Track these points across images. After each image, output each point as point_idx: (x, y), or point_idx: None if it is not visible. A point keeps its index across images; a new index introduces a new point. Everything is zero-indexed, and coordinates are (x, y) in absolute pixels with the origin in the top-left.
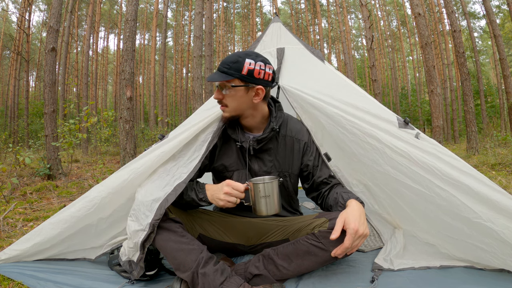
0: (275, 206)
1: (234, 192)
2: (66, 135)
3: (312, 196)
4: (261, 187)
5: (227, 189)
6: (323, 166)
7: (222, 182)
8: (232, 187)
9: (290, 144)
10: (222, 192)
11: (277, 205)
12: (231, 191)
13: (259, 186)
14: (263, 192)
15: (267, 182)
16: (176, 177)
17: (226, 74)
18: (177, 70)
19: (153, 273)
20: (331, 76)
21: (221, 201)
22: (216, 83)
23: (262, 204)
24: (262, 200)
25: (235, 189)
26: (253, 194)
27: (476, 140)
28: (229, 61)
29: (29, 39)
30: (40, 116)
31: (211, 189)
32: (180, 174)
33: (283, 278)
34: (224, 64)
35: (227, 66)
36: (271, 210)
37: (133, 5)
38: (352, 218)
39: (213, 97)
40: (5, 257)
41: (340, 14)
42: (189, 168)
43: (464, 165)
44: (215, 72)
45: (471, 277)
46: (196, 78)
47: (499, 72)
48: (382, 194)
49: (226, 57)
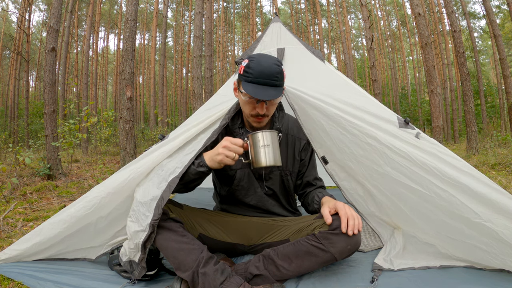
0: (274, 157)
1: (233, 146)
2: (66, 135)
3: (297, 194)
4: (260, 136)
5: (225, 143)
6: (312, 168)
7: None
8: (231, 141)
9: (291, 143)
10: (220, 147)
11: (277, 156)
12: (229, 145)
13: (258, 135)
14: (262, 142)
15: (266, 131)
16: (170, 172)
17: (280, 86)
18: (177, 70)
19: (153, 273)
20: (331, 76)
21: (219, 155)
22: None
23: (261, 153)
24: (261, 149)
25: (234, 144)
26: (252, 146)
27: (476, 140)
28: (275, 72)
29: (29, 39)
30: (40, 116)
31: (208, 152)
32: (175, 169)
33: (283, 278)
34: (273, 77)
35: (276, 78)
36: (270, 160)
37: (133, 5)
38: (335, 202)
39: (256, 112)
40: (5, 257)
41: (340, 14)
42: (183, 162)
43: (464, 164)
44: (267, 88)
45: (471, 277)
46: (196, 78)
47: (499, 72)
48: (381, 196)
49: (265, 68)
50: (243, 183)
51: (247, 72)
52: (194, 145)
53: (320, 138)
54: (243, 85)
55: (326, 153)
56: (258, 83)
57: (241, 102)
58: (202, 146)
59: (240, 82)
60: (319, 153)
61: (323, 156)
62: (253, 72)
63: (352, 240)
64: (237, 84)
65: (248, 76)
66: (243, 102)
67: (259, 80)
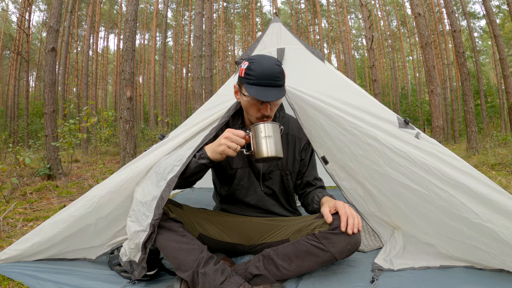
0: (276, 148)
1: (235, 137)
2: (66, 135)
3: (297, 194)
4: (262, 127)
5: (227, 134)
6: (312, 168)
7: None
8: (233, 132)
9: (292, 143)
10: (222, 138)
11: (278, 148)
12: (231, 136)
13: (260, 126)
14: (264, 133)
15: (268, 122)
16: (168, 170)
17: (282, 86)
18: (177, 70)
19: (153, 273)
20: (331, 76)
21: (222, 146)
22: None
23: (263, 144)
24: (263, 140)
25: (235, 135)
26: (254, 137)
27: (476, 140)
28: (277, 72)
29: (29, 39)
30: (40, 116)
31: (210, 144)
32: (173, 167)
33: (283, 278)
34: (275, 78)
35: (278, 79)
36: (271, 151)
37: (133, 5)
38: (335, 201)
39: (261, 114)
40: (5, 257)
41: (340, 14)
42: (181, 159)
43: (464, 165)
44: (270, 89)
45: (471, 277)
46: (196, 78)
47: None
48: (381, 196)
49: (267, 69)
50: (243, 182)
51: (248, 75)
52: (192, 143)
53: (320, 138)
54: (246, 88)
55: (326, 153)
56: (261, 85)
57: (244, 105)
58: (200, 142)
59: (242, 85)
60: (319, 153)
61: (323, 156)
62: (255, 74)
63: (352, 239)
64: (238, 87)
65: (250, 79)
66: (246, 105)
67: (261, 81)
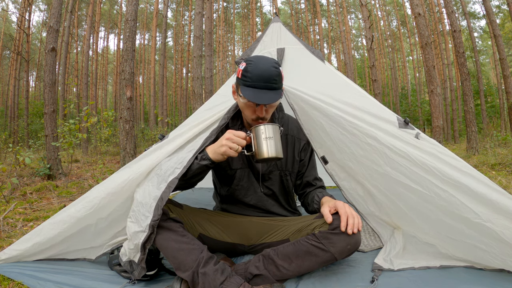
0: (276, 149)
1: (236, 138)
2: (66, 135)
3: (297, 194)
4: (263, 129)
5: (229, 135)
6: (311, 168)
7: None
8: (234, 134)
9: (291, 143)
10: (224, 139)
11: (279, 149)
12: (232, 137)
13: (261, 128)
14: (265, 134)
15: (268, 124)
16: (169, 172)
17: (279, 89)
18: (177, 70)
19: (153, 273)
20: (331, 76)
21: (223, 147)
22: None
23: (264, 145)
24: (264, 141)
25: (237, 136)
26: (255, 138)
27: (476, 140)
28: (274, 75)
29: (29, 39)
30: (40, 116)
31: (211, 145)
32: (174, 169)
33: (283, 278)
34: (271, 81)
35: (274, 81)
36: (272, 152)
37: (133, 5)
38: (335, 201)
39: (256, 116)
40: (5, 257)
41: (340, 14)
42: (182, 162)
43: (464, 165)
44: (266, 92)
45: (471, 277)
46: (196, 78)
47: (499, 72)
48: (381, 196)
49: (263, 71)
50: (242, 182)
51: (245, 76)
52: (193, 145)
53: (320, 138)
54: (242, 90)
55: (326, 153)
56: (257, 87)
57: (241, 106)
58: (201, 145)
59: (239, 86)
60: (319, 153)
61: (323, 156)
62: (251, 76)
63: (352, 239)
64: (235, 88)
65: (247, 81)
66: (242, 106)
67: (257, 84)
